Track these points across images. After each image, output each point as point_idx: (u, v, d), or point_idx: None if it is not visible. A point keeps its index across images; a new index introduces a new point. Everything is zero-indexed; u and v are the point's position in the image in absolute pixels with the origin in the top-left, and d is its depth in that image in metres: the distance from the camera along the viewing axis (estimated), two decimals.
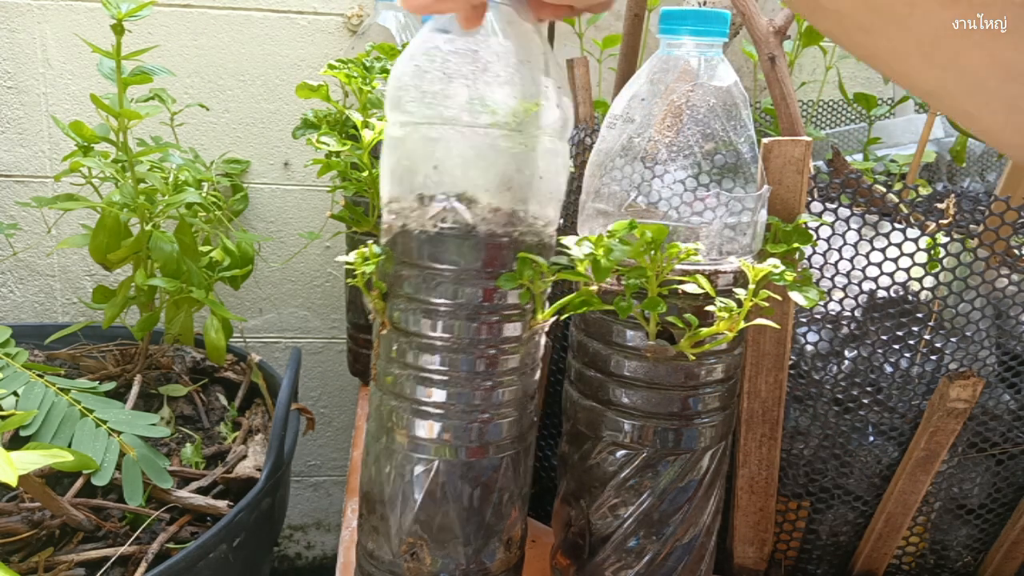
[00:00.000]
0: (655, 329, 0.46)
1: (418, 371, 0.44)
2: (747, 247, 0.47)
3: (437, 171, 0.41)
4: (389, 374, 0.46)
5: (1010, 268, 0.52)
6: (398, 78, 0.42)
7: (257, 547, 0.61)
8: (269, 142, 0.99)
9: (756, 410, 0.56)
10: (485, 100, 0.41)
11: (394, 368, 0.45)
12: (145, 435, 0.59)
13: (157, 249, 0.68)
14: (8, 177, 0.96)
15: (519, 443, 0.47)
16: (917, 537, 0.60)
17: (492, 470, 0.46)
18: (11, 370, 0.58)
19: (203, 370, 0.80)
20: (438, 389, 0.44)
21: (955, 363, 0.54)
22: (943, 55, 0.27)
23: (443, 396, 0.44)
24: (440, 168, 0.41)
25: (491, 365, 0.44)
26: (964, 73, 0.27)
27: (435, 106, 0.41)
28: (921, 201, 0.54)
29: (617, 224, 0.43)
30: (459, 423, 0.45)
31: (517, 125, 0.41)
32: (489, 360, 0.44)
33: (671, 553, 0.50)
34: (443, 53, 0.41)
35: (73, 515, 0.55)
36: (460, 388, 0.44)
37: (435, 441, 0.45)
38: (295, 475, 1.17)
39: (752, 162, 0.47)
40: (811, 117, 0.98)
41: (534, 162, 0.43)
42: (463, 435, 0.45)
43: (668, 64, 0.47)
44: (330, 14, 0.96)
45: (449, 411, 0.45)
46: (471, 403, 0.45)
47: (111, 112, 0.64)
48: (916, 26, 0.26)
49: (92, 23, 0.92)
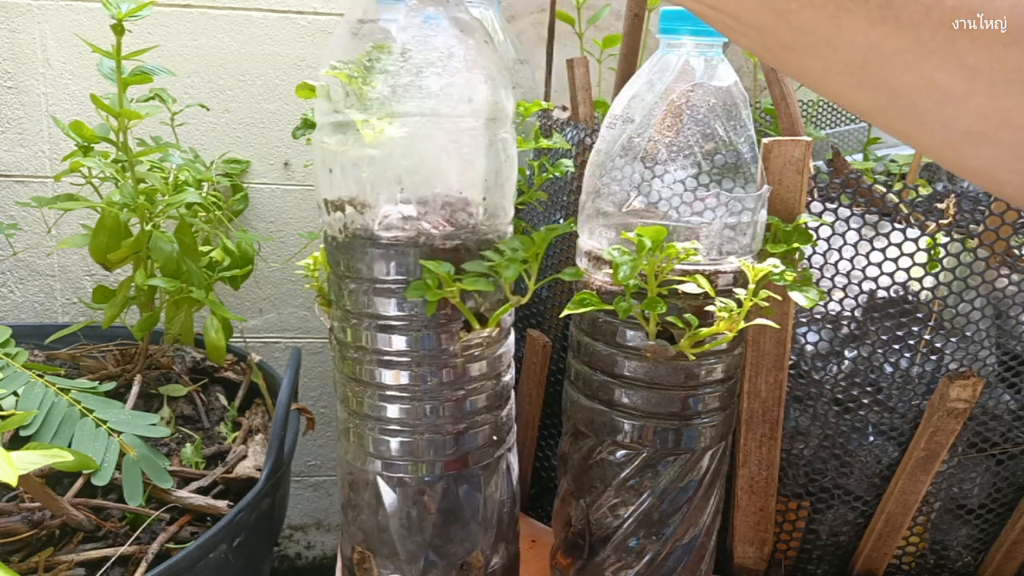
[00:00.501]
0: (655, 329, 0.46)
1: (378, 388, 0.44)
2: (747, 247, 0.47)
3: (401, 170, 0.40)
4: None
5: (1010, 268, 0.52)
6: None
7: (257, 547, 0.61)
8: (269, 142, 0.99)
9: (756, 410, 0.56)
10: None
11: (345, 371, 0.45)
12: (145, 435, 0.59)
13: (157, 249, 0.68)
14: (8, 177, 0.96)
15: (460, 466, 0.46)
16: (917, 537, 0.60)
17: (430, 490, 0.45)
18: (11, 370, 0.58)
19: (203, 370, 0.80)
20: (391, 404, 0.44)
21: (955, 363, 0.54)
22: (873, 76, 0.26)
23: (396, 412, 0.44)
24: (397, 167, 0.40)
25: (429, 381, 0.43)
26: (896, 94, 0.26)
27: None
28: (921, 201, 0.54)
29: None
30: (385, 438, 0.44)
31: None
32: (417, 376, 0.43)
33: (671, 553, 0.50)
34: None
35: (73, 515, 0.55)
36: (421, 402, 0.44)
37: (371, 454, 0.45)
38: (295, 475, 1.17)
39: (752, 162, 0.47)
40: (811, 117, 0.98)
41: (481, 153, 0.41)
42: (386, 450, 0.44)
43: (668, 64, 0.47)
44: (330, 14, 0.96)
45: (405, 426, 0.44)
46: (416, 417, 0.44)
47: (111, 112, 0.64)
48: (843, 47, 0.25)
49: (92, 23, 0.92)
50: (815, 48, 0.26)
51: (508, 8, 0.98)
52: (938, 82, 0.24)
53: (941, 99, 0.25)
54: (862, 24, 0.24)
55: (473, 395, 0.45)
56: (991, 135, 0.25)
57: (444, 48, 0.39)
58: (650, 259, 0.43)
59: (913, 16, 0.24)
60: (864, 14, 0.24)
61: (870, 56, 0.25)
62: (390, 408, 0.44)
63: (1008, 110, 0.24)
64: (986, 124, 0.25)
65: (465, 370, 0.44)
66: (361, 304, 0.42)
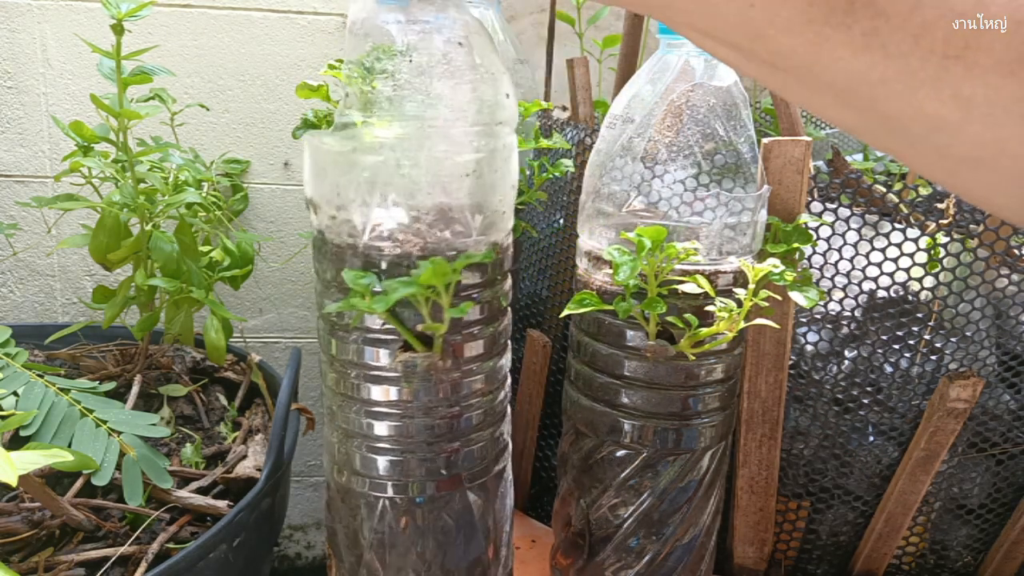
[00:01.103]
0: (655, 329, 0.46)
1: (364, 403, 0.42)
2: (747, 247, 0.47)
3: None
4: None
5: (1010, 268, 0.52)
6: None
7: (257, 547, 0.61)
8: (269, 142, 0.99)
9: (756, 410, 0.56)
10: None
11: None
12: (145, 435, 0.59)
13: (157, 249, 0.68)
14: (8, 177, 0.96)
15: (452, 486, 0.43)
16: (917, 537, 0.60)
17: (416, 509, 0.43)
18: (11, 370, 0.58)
19: (203, 370, 0.80)
20: (378, 421, 0.42)
21: (955, 363, 0.54)
22: (860, 102, 0.24)
23: (384, 430, 0.42)
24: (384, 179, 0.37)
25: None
26: (886, 119, 0.24)
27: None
28: (921, 201, 0.54)
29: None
30: (372, 456, 0.42)
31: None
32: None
33: (671, 553, 0.50)
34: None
35: (73, 515, 0.55)
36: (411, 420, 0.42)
37: (358, 472, 0.43)
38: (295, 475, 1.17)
39: (752, 162, 0.47)
40: (811, 117, 0.97)
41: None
42: (374, 468, 0.42)
43: (668, 64, 0.47)
44: (330, 14, 0.96)
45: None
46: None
47: (111, 112, 0.64)
48: (825, 73, 0.24)
49: (92, 23, 0.92)
50: (796, 72, 0.24)
51: (508, 8, 0.98)
52: (930, 112, 0.23)
53: (934, 128, 0.24)
54: (845, 52, 0.23)
55: (468, 412, 0.43)
56: (989, 162, 0.24)
57: (444, 51, 0.39)
58: (650, 259, 0.43)
59: (901, 45, 0.22)
60: (847, 42, 0.23)
61: (855, 83, 0.24)
62: (378, 425, 0.42)
63: (1007, 140, 0.23)
64: (983, 152, 0.23)
65: (458, 386, 0.42)
66: (349, 316, 0.41)
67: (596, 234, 0.49)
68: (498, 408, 0.45)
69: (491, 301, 0.42)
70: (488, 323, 0.43)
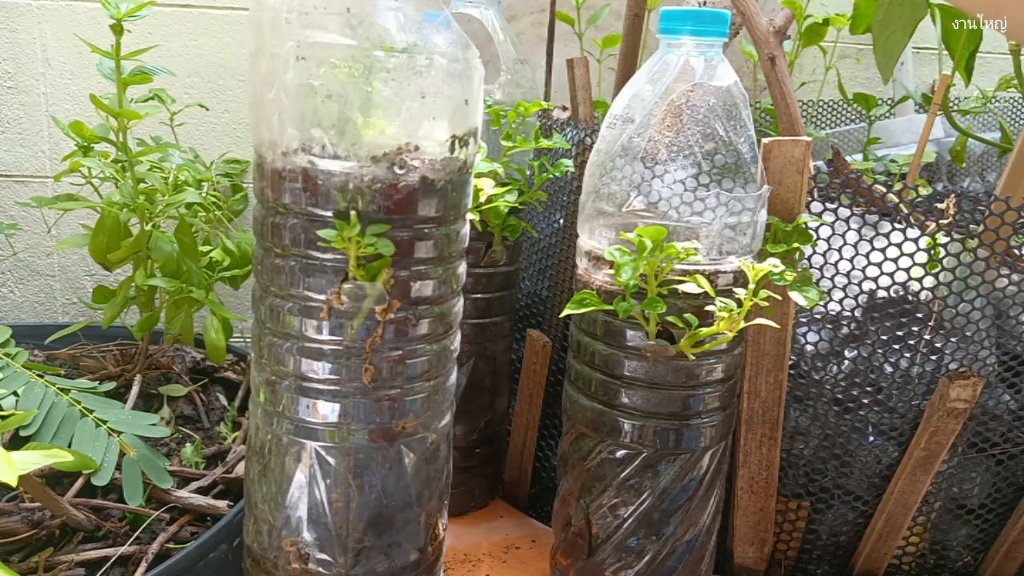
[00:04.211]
0: (655, 329, 0.46)
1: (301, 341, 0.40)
2: (747, 247, 0.47)
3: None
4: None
5: (1010, 268, 0.52)
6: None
7: None
8: None
9: (756, 410, 0.56)
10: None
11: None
12: (145, 435, 0.59)
13: (157, 249, 0.68)
14: (8, 177, 0.96)
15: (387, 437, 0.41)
16: (917, 537, 0.60)
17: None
18: (11, 370, 0.58)
19: (203, 370, 0.80)
20: (315, 361, 0.40)
21: (955, 363, 0.54)
22: None
23: (323, 370, 0.40)
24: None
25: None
26: None
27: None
28: (921, 201, 0.54)
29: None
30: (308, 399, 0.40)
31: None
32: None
33: (671, 553, 0.50)
34: None
35: (73, 515, 0.55)
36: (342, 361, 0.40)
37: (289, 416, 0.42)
38: None
39: (752, 162, 0.47)
40: (811, 117, 0.98)
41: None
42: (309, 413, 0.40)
43: (668, 64, 0.47)
44: None
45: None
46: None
47: (111, 112, 0.64)
48: None
49: (92, 23, 0.92)
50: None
51: (508, 8, 0.98)
52: None
53: None
54: None
55: (411, 358, 0.41)
56: None
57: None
58: (650, 259, 0.43)
59: None
60: None
61: None
62: (317, 365, 0.40)
63: None
64: None
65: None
66: (290, 236, 0.38)
67: (596, 234, 0.49)
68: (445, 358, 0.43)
69: (444, 239, 0.41)
70: (438, 263, 0.41)
